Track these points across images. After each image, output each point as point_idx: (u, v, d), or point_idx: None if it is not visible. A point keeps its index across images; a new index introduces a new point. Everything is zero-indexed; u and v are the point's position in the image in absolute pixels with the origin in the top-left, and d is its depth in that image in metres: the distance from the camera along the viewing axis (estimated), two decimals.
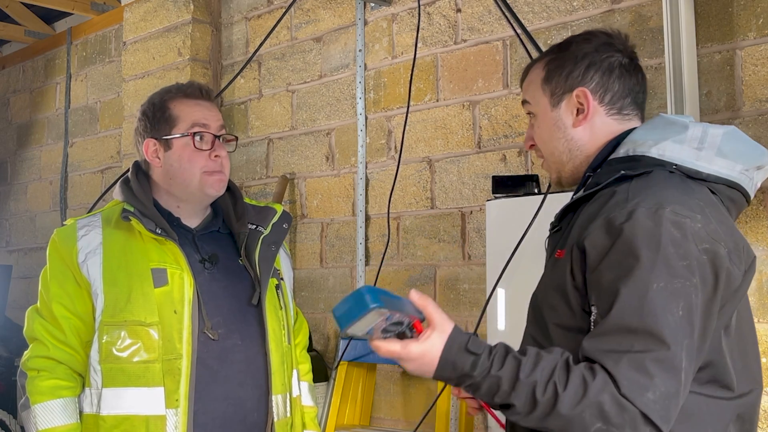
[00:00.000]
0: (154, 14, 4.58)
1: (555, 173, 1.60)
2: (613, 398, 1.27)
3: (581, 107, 1.54)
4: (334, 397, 3.49)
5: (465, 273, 3.36)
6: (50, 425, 1.82)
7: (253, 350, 1.92)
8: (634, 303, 1.30)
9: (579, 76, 1.54)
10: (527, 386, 1.31)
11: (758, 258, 2.58)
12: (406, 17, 3.66)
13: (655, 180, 1.41)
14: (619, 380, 1.27)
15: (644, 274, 1.30)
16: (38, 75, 5.93)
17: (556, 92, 1.56)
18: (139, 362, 1.81)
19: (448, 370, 1.36)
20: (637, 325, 1.29)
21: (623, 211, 1.35)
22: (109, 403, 1.81)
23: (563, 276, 1.42)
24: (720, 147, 1.45)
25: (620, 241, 1.33)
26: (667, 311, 1.29)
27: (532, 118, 1.61)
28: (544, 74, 1.58)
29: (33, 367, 1.87)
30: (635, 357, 1.28)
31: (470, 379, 1.35)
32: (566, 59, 1.56)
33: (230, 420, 1.87)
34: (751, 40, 2.63)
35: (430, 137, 3.52)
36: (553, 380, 1.30)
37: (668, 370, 1.27)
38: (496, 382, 1.33)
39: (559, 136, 1.56)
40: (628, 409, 1.26)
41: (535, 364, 1.33)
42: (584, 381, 1.29)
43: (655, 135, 1.47)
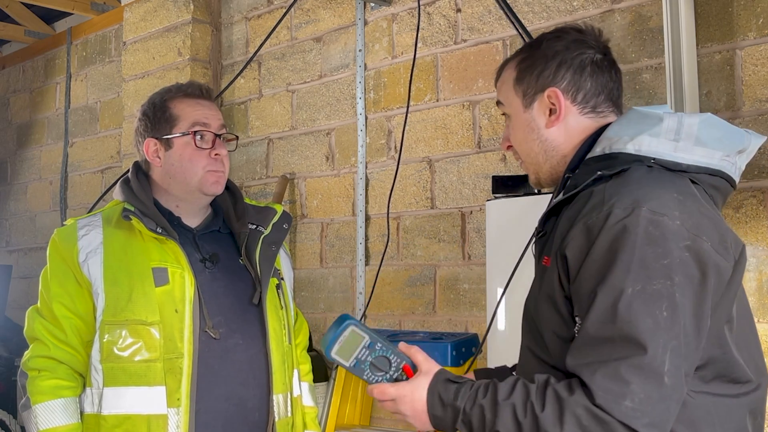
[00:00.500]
0: (154, 14, 4.58)
1: (533, 174, 1.58)
2: (588, 411, 1.24)
3: (553, 107, 1.51)
4: (334, 397, 3.49)
5: (465, 273, 3.36)
6: (51, 425, 1.82)
7: (254, 350, 1.92)
8: (608, 310, 1.26)
9: (550, 75, 1.50)
10: (507, 408, 1.30)
11: (758, 258, 2.58)
12: (406, 17, 3.66)
13: (633, 177, 1.37)
14: (594, 391, 1.25)
15: (618, 279, 1.27)
16: (38, 75, 5.93)
17: (528, 93, 1.53)
18: (141, 361, 1.81)
19: (437, 404, 1.38)
20: (611, 333, 1.26)
21: (600, 215, 1.32)
22: (111, 403, 1.81)
23: (552, 285, 1.40)
24: (698, 136, 1.41)
25: (596, 246, 1.30)
26: (646, 314, 1.25)
27: (507, 118, 1.59)
28: (515, 74, 1.55)
29: (34, 367, 1.87)
30: (611, 366, 1.25)
31: (459, 412, 1.35)
32: (537, 58, 1.52)
33: (232, 419, 1.87)
34: (751, 40, 2.63)
35: (430, 137, 3.52)
36: (530, 401, 1.29)
37: (646, 374, 1.23)
38: (481, 411, 1.32)
39: (533, 137, 1.54)
40: (606, 420, 1.23)
41: (513, 387, 1.32)
42: (558, 398, 1.27)
43: (630, 130, 1.43)
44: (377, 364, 1.42)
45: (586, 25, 1.60)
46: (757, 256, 2.58)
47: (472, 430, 1.34)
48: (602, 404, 1.24)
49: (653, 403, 1.24)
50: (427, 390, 1.39)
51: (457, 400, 1.36)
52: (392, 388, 1.41)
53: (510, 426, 1.29)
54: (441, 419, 1.38)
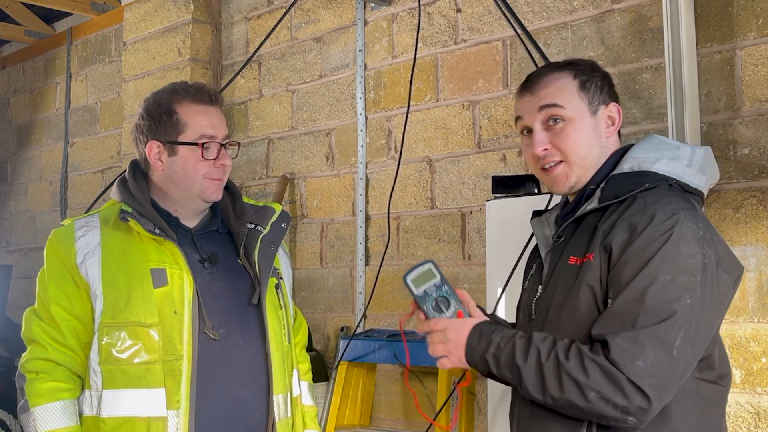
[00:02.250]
0: (154, 14, 4.58)
1: (575, 178, 1.65)
2: (601, 365, 1.42)
3: (611, 120, 1.67)
4: (334, 397, 3.49)
5: (465, 273, 3.36)
6: (50, 428, 1.81)
7: (254, 350, 1.92)
8: (639, 291, 1.44)
9: (608, 92, 1.68)
10: (535, 351, 1.48)
11: (758, 258, 2.58)
12: (406, 17, 3.66)
13: (664, 192, 1.56)
14: (612, 348, 1.42)
15: (653, 269, 1.45)
16: (38, 75, 5.93)
17: (593, 102, 1.65)
18: (140, 363, 1.80)
19: (476, 335, 1.56)
20: (637, 309, 1.43)
21: (644, 216, 1.50)
22: (110, 405, 1.80)
23: (595, 278, 1.53)
24: (701, 165, 1.64)
25: (639, 240, 1.48)
26: (671, 299, 1.43)
27: (559, 122, 1.63)
28: (577, 83, 1.65)
29: (32, 369, 1.86)
30: (632, 332, 1.42)
31: (490, 344, 1.53)
32: (594, 75, 1.68)
33: (232, 421, 1.86)
34: (751, 40, 2.63)
35: (430, 137, 3.52)
36: (555, 350, 1.47)
37: (660, 343, 1.41)
38: (512, 348, 1.51)
39: (596, 142, 1.65)
40: (615, 375, 1.41)
41: (545, 338, 1.51)
42: (581, 352, 1.45)
43: (653, 153, 1.62)
44: (440, 302, 1.63)
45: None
46: (757, 256, 2.58)
47: (499, 363, 1.52)
48: (616, 359, 1.41)
49: (661, 369, 1.41)
50: (473, 325, 1.58)
51: (494, 334, 1.55)
52: (446, 320, 1.60)
53: (533, 369, 1.48)
54: (474, 348, 1.55)
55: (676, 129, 2.62)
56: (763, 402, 2.55)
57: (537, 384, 1.47)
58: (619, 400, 1.40)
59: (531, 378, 1.48)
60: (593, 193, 1.62)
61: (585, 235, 1.59)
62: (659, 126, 2.79)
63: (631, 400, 1.40)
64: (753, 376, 2.56)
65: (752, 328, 2.57)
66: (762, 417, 2.54)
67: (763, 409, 2.54)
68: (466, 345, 1.56)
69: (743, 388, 2.57)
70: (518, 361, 1.49)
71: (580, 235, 1.60)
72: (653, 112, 2.84)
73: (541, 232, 1.72)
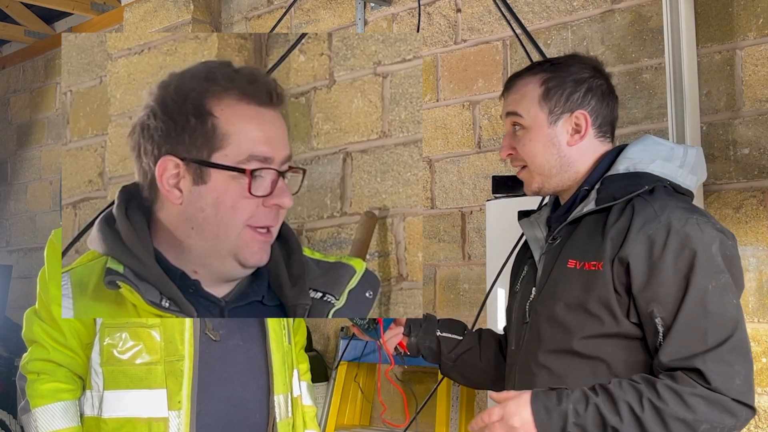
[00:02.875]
0: (154, 14, 4.57)
1: (537, 184, 1.68)
2: (704, 396, 1.40)
3: (578, 128, 1.63)
4: (334, 397, 3.49)
5: (465, 273, 3.35)
6: (51, 429, 1.80)
7: (254, 351, 1.91)
8: (697, 306, 1.44)
9: (578, 99, 1.63)
10: (624, 404, 1.41)
11: (758, 258, 2.58)
12: (406, 17, 3.66)
13: (663, 195, 1.56)
14: (707, 375, 1.40)
15: (698, 279, 1.45)
16: (38, 75, 5.93)
17: (555, 111, 1.63)
18: (141, 364, 1.79)
19: (543, 413, 1.45)
20: (705, 324, 1.43)
21: (660, 225, 1.48)
22: (111, 406, 1.80)
23: (605, 288, 1.50)
24: (693, 166, 1.63)
25: (666, 252, 1.46)
26: (726, 304, 1.45)
27: (519, 129, 1.67)
28: (541, 91, 1.64)
29: (33, 370, 1.85)
30: (716, 351, 1.41)
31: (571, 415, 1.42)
32: (565, 80, 1.64)
33: (232, 421, 1.86)
34: (751, 40, 2.63)
35: (430, 137, 3.52)
36: (646, 396, 1.42)
37: (741, 354, 1.43)
38: (596, 411, 1.42)
39: (553, 152, 1.64)
40: (721, 401, 1.40)
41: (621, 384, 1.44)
42: (673, 390, 1.41)
43: (648, 154, 1.61)
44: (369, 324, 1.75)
45: (591, 56, 1.76)
46: (757, 256, 2.58)
47: (586, 431, 1.42)
48: (718, 387, 1.40)
49: (749, 377, 1.44)
50: (530, 401, 1.47)
51: (562, 403, 1.45)
52: (497, 408, 1.49)
53: (629, 422, 1.40)
54: (548, 426, 1.44)
55: (676, 129, 2.62)
56: (763, 402, 2.54)
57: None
58: (728, 421, 1.42)
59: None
60: (587, 194, 1.61)
61: (584, 238, 1.57)
62: (659, 126, 2.79)
63: (739, 416, 1.42)
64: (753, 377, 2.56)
65: (752, 328, 2.56)
66: (762, 417, 2.54)
67: (763, 409, 2.54)
68: (537, 426, 1.45)
69: None
70: (612, 422, 1.41)
71: (577, 237, 1.59)
72: (653, 112, 2.84)
73: (532, 233, 1.71)
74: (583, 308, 1.52)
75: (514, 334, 1.71)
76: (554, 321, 1.57)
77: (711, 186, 2.65)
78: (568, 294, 1.55)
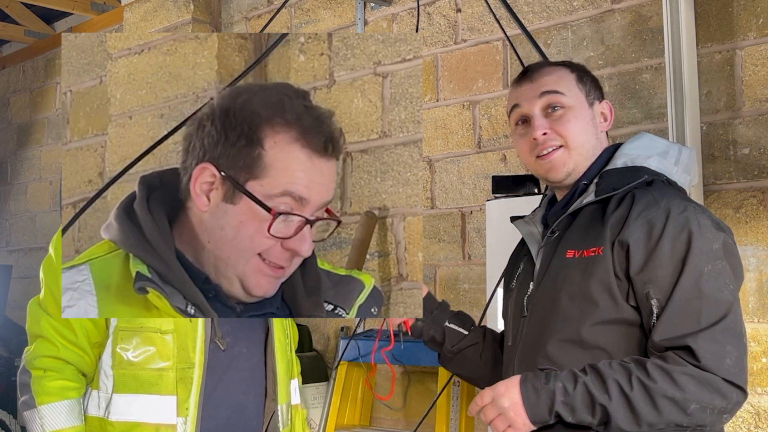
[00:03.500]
0: (154, 14, 4.58)
1: (572, 164, 1.65)
2: (694, 375, 1.40)
3: (604, 117, 1.70)
4: (334, 397, 3.49)
5: (465, 273, 3.35)
6: (57, 427, 1.78)
7: (256, 358, 1.90)
8: (692, 287, 1.45)
9: (601, 90, 1.73)
10: (614, 383, 1.41)
11: (758, 258, 2.58)
12: (406, 17, 3.66)
13: (662, 186, 1.59)
14: (698, 353, 1.40)
15: (694, 261, 1.46)
16: (38, 75, 5.93)
17: (590, 95, 1.69)
18: (153, 370, 1.77)
19: (531, 393, 1.47)
20: (700, 305, 1.44)
21: (659, 211, 1.51)
22: (119, 409, 1.78)
23: (606, 272, 1.51)
24: (687, 165, 1.67)
25: (664, 236, 1.48)
26: (721, 287, 1.46)
27: (558, 108, 1.65)
28: (575, 76, 1.69)
29: (40, 366, 1.83)
30: (708, 331, 1.42)
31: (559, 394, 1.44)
32: (587, 74, 1.72)
33: (233, 427, 1.85)
34: (751, 40, 2.63)
35: (430, 137, 3.52)
36: (635, 375, 1.42)
37: (734, 335, 1.43)
38: (585, 389, 1.43)
39: (592, 132, 1.67)
40: (711, 380, 1.40)
41: (605, 365, 1.45)
42: (663, 368, 1.41)
43: (645, 150, 1.65)
44: None
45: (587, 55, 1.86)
46: (757, 256, 2.58)
47: (574, 410, 1.43)
48: (708, 365, 1.40)
49: (742, 359, 1.43)
50: (519, 383, 1.49)
51: (550, 383, 1.46)
52: (488, 390, 1.52)
53: (618, 401, 1.41)
54: (536, 406, 1.46)
55: (676, 129, 2.62)
56: (763, 402, 2.55)
57: (629, 417, 1.41)
58: (718, 402, 1.41)
59: (621, 413, 1.41)
60: (586, 188, 1.63)
61: (583, 229, 1.59)
62: (659, 126, 2.79)
63: (730, 398, 1.41)
64: (753, 376, 2.56)
65: (752, 328, 2.56)
66: (762, 417, 2.54)
67: (763, 409, 2.54)
68: (525, 406, 1.46)
69: None
70: (601, 400, 1.41)
71: (576, 228, 1.60)
72: (653, 112, 2.84)
73: (528, 230, 1.72)
74: (585, 295, 1.52)
75: (511, 330, 1.72)
76: (556, 312, 1.57)
77: (711, 186, 2.65)
78: (569, 283, 1.56)
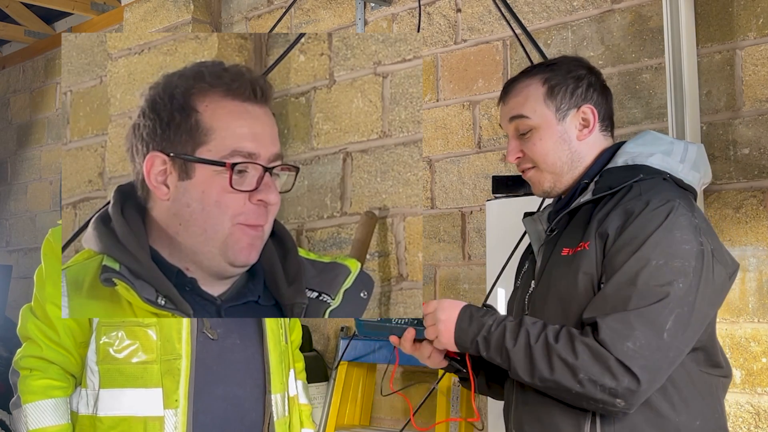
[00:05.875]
0: (154, 14, 4.58)
1: (549, 183, 1.68)
2: (590, 346, 1.41)
3: (585, 122, 1.66)
4: (334, 397, 3.49)
5: (465, 273, 3.36)
6: (41, 425, 1.80)
7: (251, 350, 1.91)
8: (632, 274, 1.44)
9: (582, 94, 1.66)
10: (524, 334, 1.47)
11: (758, 258, 2.58)
12: (406, 17, 3.66)
13: (659, 183, 1.58)
14: (600, 328, 1.41)
15: (646, 252, 1.45)
16: (38, 75, 5.93)
17: (562, 107, 1.66)
18: (137, 363, 1.79)
19: (466, 318, 1.55)
20: (629, 293, 1.43)
21: (639, 202, 1.51)
22: (107, 405, 1.80)
23: (591, 264, 1.52)
24: (695, 162, 1.64)
25: (633, 225, 1.48)
26: (663, 283, 1.42)
27: (528, 132, 1.67)
28: (545, 89, 1.66)
29: (25, 366, 1.86)
30: (622, 314, 1.42)
31: (482, 327, 1.52)
32: (566, 77, 1.67)
33: (229, 420, 1.86)
34: (751, 40, 2.63)
35: (430, 137, 3.52)
36: (545, 333, 1.46)
37: (650, 325, 1.40)
38: (503, 331, 1.50)
39: (564, 148, 1.66)
40: (604, 356, 1.39)
41: (535, 321, 1.51)
42: (570, 334, 1.45)
43: (647, 148, 1.63)
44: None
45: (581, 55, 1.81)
46: (757, 256, 2.58)
47: (489, 346, 1.51)
48: (605, 339, 1.40)
49: (651, 351, 1.40)
50: (462, 306, 1.57)
51: (485, 317, 1.54)
52: (436, 302, 1.59)
53: (522, 351, 1.47)
54: (464, 331, 1.54)
55: (676, 129, 2.63)
56: (763, 402, 2.55)
57: (526, 366, 1.46)
58: (608, 381, 1.39)
59: (520, 360, 1.47)
60: (587, 186, 1.64)
61: (578, 227, 1.60)
62: (659, 126, 2.79)
63: (620, 381, 1.39)
64: (753, 376, 2.56)
65: (752, 328, 2.57)
66: (762, 417, 2.54)
67: (763, 409, 2.54)
68: (456, 328, 1.55)
69: (743, 388, 2.57)
70: (507, 344, 1.48)
71: (573, 227, 1.62)
72: (653, 112, 2.84)
73: (534, 227, 1.73)
74: (574, 289, 1.54)
75: None
76: (550, 309, 1.58)
77: (711, 186, 2.65)
78: (560, 280, 1.57)
